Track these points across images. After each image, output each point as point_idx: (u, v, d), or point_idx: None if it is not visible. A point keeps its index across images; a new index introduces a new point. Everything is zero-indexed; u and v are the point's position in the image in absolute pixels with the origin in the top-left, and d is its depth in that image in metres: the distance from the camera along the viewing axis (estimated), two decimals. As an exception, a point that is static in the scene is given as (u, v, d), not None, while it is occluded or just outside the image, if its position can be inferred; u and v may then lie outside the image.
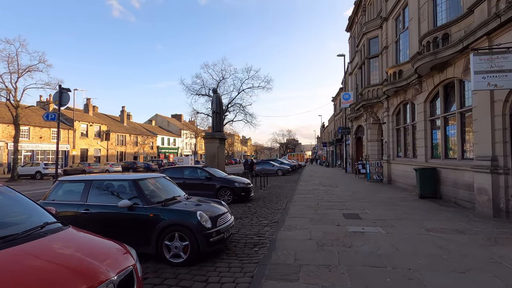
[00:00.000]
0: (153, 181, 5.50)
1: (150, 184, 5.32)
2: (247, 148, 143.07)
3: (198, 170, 10.98)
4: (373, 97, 15.95)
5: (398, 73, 12.37)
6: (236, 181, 10.63)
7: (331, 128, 46.07)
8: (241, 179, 11.15)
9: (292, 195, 11.79)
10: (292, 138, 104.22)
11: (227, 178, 10.83)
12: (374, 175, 15.87)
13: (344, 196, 10.80)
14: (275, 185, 16.69)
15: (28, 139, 32.29)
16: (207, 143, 16.14)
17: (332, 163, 43.95)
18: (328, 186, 14.70)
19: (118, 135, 46.19)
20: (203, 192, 10.49)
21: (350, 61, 25.14)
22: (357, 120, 22.70)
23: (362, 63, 17.47)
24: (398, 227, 6.08)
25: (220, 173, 11.38)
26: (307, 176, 23.22)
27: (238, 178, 11.30)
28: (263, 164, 27.09)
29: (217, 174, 11.03)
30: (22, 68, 22.93)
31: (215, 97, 16.45)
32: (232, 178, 10.86)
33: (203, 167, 11.10)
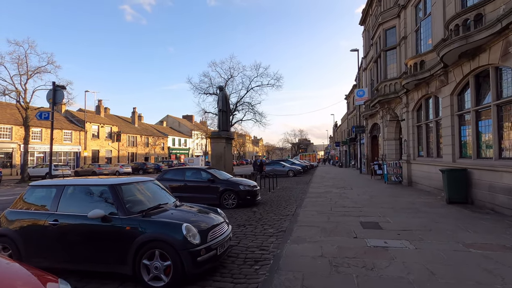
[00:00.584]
0: (138, 186, 4.74)
1: (133, 190, 4.56)
2: (259, 148, 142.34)
3: (201, 172, 10.22)
4: (391, 92, 14.77)
5: (419, 64, 11.22)
6: (241, 183, 9.81)
7: (344, 127, 44.61)
8: (247, 181, 10.32)
9: (302, 198, 10.85)
10: (304, 138, 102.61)
11: (232, 180, 10.02)
12: (392, 176, 14.69)
13: (360, 201, 9.77)
14: (285, 187, 15.77)
15: (40, 141, 32.64)
16: (213, 143, 15.42)
17: (345, 163, 42.51)
18: (342, 188, 13.66)
19: (129, 136, 46.35)
20: (205, 196, 9.78)
21: (364, 56, 23.89)
22: (372, 117, 21.45)
23: (377, 56, 16.30)
24: (429, 241, 5.07)
25: (224, 175, 10.59)
26: (319, 177, 22.15)
27: (244, 180, 10.47)
28: (273, 165, 26.18)
29: (220, 176, 10.24)
30: (31, 69, 22.97)
31: (221, 95, 15.71)
32: (237, 181, 10.04)
33: (206, 169, 10.33)
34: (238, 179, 10.58)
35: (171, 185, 10.12)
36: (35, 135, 32.23)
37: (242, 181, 10.16)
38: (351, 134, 36.53)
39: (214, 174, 10.00)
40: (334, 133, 67.79)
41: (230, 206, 9.46)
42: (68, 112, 39.32)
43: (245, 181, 10.22)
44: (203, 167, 10.70)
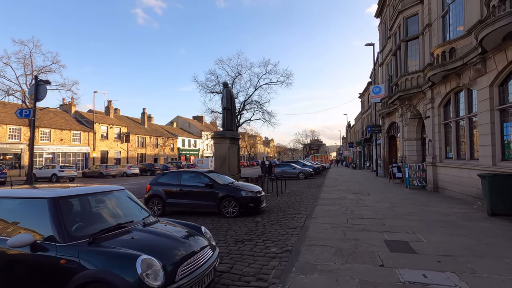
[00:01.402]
0: (96, 199, 3.66)
1: (85, 204, 3.49)
2: (270, 149, 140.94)
3: (199, 176, 9.12)
4: (412, 86, 13.28)
5: (448, 52, 9.77)
6: (244, 189, 8.66)
7: (358, 127, 42.79)
8: (250, 186, 9.17)
9: (313, 206, 9.59)
10: (316, 139, 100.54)
11: (233, 185, 8.88)
12: (415, 180, 13.18)
13: (381, 210, 8.43)
14: (294, 191, 14.51)
15: (49, 142, 32.57)
16: (216, 143, 14.33)
17: (359, 165, 40.70)
18: (358, 193, 12.28)
19: (138, 137, 46.09)
20: (203, 203, 8.69)
21: (380, 50, 22.32)
22: (389, 116, 19.88)
23: (397, 47, 14.82)
24: (485, 274, 3.76)
25: (225, 179, 9.47)
26: (332, 180, 20.73)
27: (247, 185, 9.32)
28: (283, 167, 24.92)
29: (220, 180, 9.12)
30: (36, 69, 22.62)
31: (225, 91, 14.61)
32: (239, 186, 8.89)
33: (205, 172, 9.23)
34: (241, 183, 9.42)
35: (165, 190, 9.10)
36: (44, 135, 32.19)
37: (245, 186, 9.01)
38: (365, 134, 34.80)
39: (212, 178, 8.89)
40: (347, 133, 65.73)
41: (231, 215, 8.33)
42: (77, 113, 39.32)
43: (248, 186, 9.07)
44: (202, 170, 9.60)
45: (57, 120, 35.01)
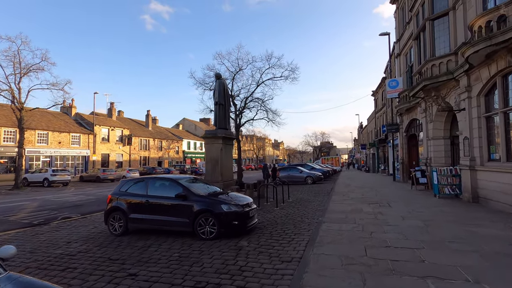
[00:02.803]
0: None
1: None
2: (279, 152, 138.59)
3: (170, 184, 7.11)
4: (441, 73, 10.94)
5: (496, 21, 7.47)
6: (226, 201, 6.59)
7: (371, 128, 40.10)
8: (237, 198, 7.09)
9: (319, 222, 7.42)
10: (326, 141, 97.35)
11: (213, 197, 6.80)
12: (446, 187, 10.78)
13: (411, 231, 6.18)
14: (299, 200, 12.34)
15: (46, 144, 31.43)
16: (207, 144, 12.35)
17: (373, 168, 37.97)
18: (376, 204, 10.01)
19: (141, 139, 44.76)
20: (173, 219, 6.67)
21: (397, 40, 19.93)
22: (409, 112, 17.44)
23: (420, 29, 12.51)
24: None
25: (207, 189, 7.44)
26: (343, 185, 18.39)
27: (236, 196, 7.23)
28: (289, 170, 22.70)
29: (199, 190, 7.09)
30: (26, 67, 21.31)
31: (217, 84, 12.64)
32: (222, 198, 6.80)
33: (178, 180, 7.20)
34: (228, 195, 7.29)
35: (129, 202, 7.14)
36: (41, 138, 31.07)
37: (230, 198, 6.92)
38: (379, 135, 32.20)
39: (186, 187, 6.85)
40: (359, 135, 62.81)
41: (208, 236, 6.27)
42: (78, 115, 38.27)
43: (235, 198, 7.00)
44: (174, 177, 7.57)
45: (55, 122, 33.94)
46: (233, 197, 6.99)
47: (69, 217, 10.19)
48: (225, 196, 7.06)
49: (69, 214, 10.69)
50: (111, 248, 6.00)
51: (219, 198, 6.70)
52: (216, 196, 6.90)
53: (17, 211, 11.53)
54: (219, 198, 6.70)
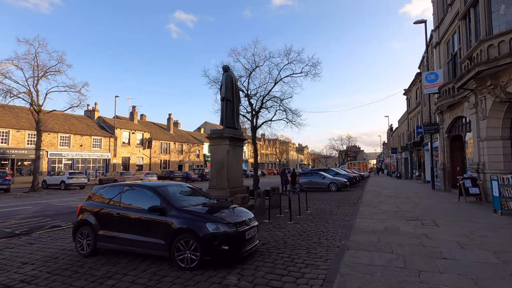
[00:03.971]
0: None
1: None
2: (304, 156, 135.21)
3: (147, 193, 5.59)
4: (502, 55, 8.60)
5: None
6: (216, 219, 4.93)
7: (403, 130, 36.74)
8: (233, 213, 5.41)
9: (342, 247, 5.54)
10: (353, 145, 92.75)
11: (199, 212, 5.17)
12: (511, 201, 8.35)
13: (482, 271, 4.14)
14: (319, 211, 10.42)
15: (68, 147, 31.86)
16: (212, 145, 10.84)
17: (405, 173, 34.59)
18: (417, 221, 7.87)
19: (162, 143, 44.65)
20: (147, 240, 5.14)
21: (435, 27, 17.34)
22: (453, 109, 14.83)
23: (470, 4, 10.19)
24: None
25: (197, 200, 5.87)
26: (372, 194, 16.06)
27: (235, 211, 5.54)
28: (310, 176, 20.66)
29: (182, 202, 5.53)
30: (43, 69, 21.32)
31: (224, 77, 11.13)
32: (212, 215, 5.14)
33: (155, 187, 5.67)
34: (230, 210, 5.62)
35: (99, 215, 5.74)
36: (63, 141, 31.54)
37: (222, 215, 5.25)
38: (413, 137, 29.08)
39: (165, 197, 5.29)
40: (389, 138, 58.73)
41: (188, 265, 4.66)
42: (100, 119, 38.81)
43: (229, 214, 5.31)
44: (154, 184, 6.02)
45: (78, 125, 34.48)
46: (226, 214, 5.31)
47: (59, 225, 9.13)
48: (219, 210, 5.42)
49: (61, 222, 9.64)
50: (64, 277, 4.60)
51: (204, 214, 5.07)
52: (205, 210, 5.28)
53: (10, 217, 10.72)
54: (204, 214, 5.07)
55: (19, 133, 27.82)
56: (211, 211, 5.25)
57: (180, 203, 5.39)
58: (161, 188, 5.64)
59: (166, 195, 5.41)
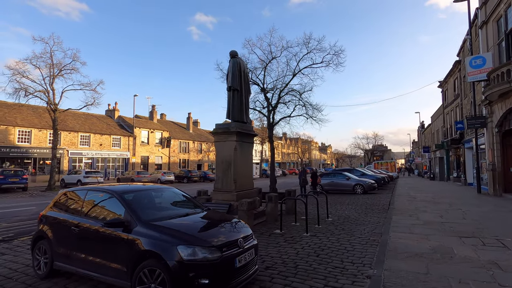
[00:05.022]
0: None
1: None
2: (327, 156, 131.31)
3: (111, 200, 4.27)
4: None
5: None
6: (193, 241, 3.50)
7: (438, 126, 33.47)
8: (223, 228, 3.99)
9: (376, 282, 3.91)
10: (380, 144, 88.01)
11: (176, 227, 3.78)
12: None
13: None
14: (342, 219, 8.74)
15: (88, 146, 32.15)
16: (217, 141, 9.48)
17: (440, 174, 31.40)
18: (474, 238, 5.99)
19: (181, 142, 44.33)
20: (102, 264, 3.84)
21: (481, 4, 14.83)
22: (506, 98, 12.41)
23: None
24: None
25: (174, 210, 4.53)
26: (405, 197, 13.97)
27: (216, 229, 4.07)
28: (332, 176, 18.81)
29: (153, 213, 4.18)
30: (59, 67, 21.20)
31: (231, 63, 9.73)
32: (188, 234, 3.69)
33: (122, 192, 4.31)
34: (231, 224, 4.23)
35: (57, 228, 4.55)
36: (84, 140, 31.85)
37: (204, 233, 3.84)
38: (450, 134, 26.11)
39: (132, 207, 3.96)
40: (420, 136, 54.69)
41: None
42: (120, 118, 39.07)
43: (212, 233, 3.87)
44: (119, 188, 4.65)
45: (98, 124, 34.80)
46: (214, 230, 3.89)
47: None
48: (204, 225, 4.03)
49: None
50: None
51: (178, 231, 3.66)
52: (184, 225, 3.89)
53: (6, 219, 10.08)
54: (178, 231, 3.66)
55: (41, 132, 28.30)
56: (190, 227, 3.85)
57: (153, 215, 4.04)
58: (130, 194, 4.32)
59: (133, 203, 4.09)
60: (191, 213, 4.40)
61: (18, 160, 27.17)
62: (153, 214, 4.07)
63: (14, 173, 20.39)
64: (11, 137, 26.58)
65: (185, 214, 4.26)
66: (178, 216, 4.14)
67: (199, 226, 3.95)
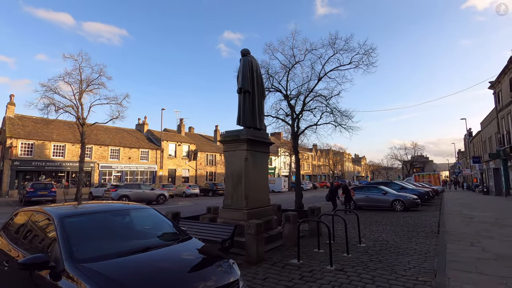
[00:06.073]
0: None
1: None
2: (361, 168, 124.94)
3: (48, 225, 3.19)
4: None
5: None
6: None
7: (491, 133, 29.46)
8: (178, 276, 2.67)
9: None
10: (420, 155, 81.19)
11: (113, 269, 2.56)
12: None
13: None
14: (378, 245, 6.94)
15: (118, 160, 32.88)
16: (226, 150, 8.30)
17: (496, 188, 27.24)
18: None
19: (207, 154, 44.14)
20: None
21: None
22: None
23: None
24: None
25: (137, 240, 3.32)
26: (458, 216, 11.54)
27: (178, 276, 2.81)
28: (366, 190, 16.66)
29: (100, 246, 2.99)
30: (86, 83, 21.83)
31: (242, 62, 8.62)
32: (125, 278, 2.48)
33: (62, 216, 3.19)
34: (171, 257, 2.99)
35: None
36: (113, 154, 32.67)
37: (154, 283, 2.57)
38: (507, 141, 22.51)
39: (65, 238, 2.80)
40: (467, 145, 49.23)
41: None
42: (149, 131, 39.91)
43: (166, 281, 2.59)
44: (59, 211, 3.41)
45: (128, 138, 35.69)
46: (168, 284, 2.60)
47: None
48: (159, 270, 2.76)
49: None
50: None
51: (109, 280, 2.40)
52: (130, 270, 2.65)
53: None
54: (109, 280, 2.40)
55: (74, 146, 29.43)
56: (135, 274, 2.58)
57: (96, 249, 2.85)
58: (75, 218, 3.19)
59: (73, 232, 2.94)
60: (156, 246, 3.14)
61: (52, 173, 28.36)
62: (97, 248, 2.88)
63: (43, 186, 20.93)
64: (47, 151, 27.89)
65: (144, 249, 3.01)
66: (132, 252, 2.90)
67: (150, 271, 2.66)
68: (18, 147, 26.40)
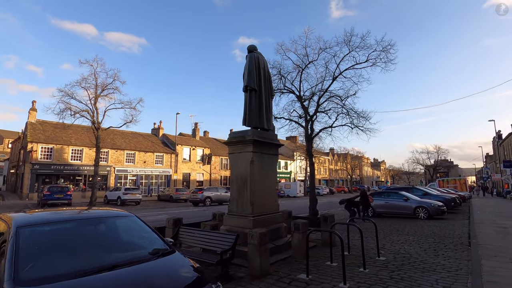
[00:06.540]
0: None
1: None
2: (380, 172, 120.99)
3: (3, 237, 2.77)
4: None
5: None
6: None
7: (522, 136, 27.23)
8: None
9: None
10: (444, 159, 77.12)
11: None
12: None
13: None
14: (399, 259, 6.12)
15: (133, 164, 33.22)
16: (231, 152, 7.77)
17: (531, 195, 25.02)
18: None
19: (222, 158, 43.93)
20: None
21: None
22: None
23: None
24: None
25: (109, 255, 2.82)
26: (490, 226, 10.36)
27: None
28: (386, 196, 15.59)
29: (36, 265, 2.50)
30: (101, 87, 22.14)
31: (248, 59, 8.11)
32: None
33: (20, 225, 2.78)
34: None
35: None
36: (129, 158, 33.06)
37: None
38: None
39: (13, 252, 2.34)
40: (496, 149, 46.24)
41: None
42: (164, 136, 40.23)
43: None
44: (12, 218, 3.06)
45: (144, 142, 36.09)
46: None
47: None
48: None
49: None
50: None
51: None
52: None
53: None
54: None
55: (91, 150, 29.97)
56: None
57: (49, 267, 2.37)
58: (34, 227, 2.73)
59: (26, 245, 2.47)
60: (125, 264, 2.61)
61: (70, 177, 28.98)
62: (51, 266, 2.40)
63: (60, 190, 21.28)
64: (65, 155, 28.56)
65: (110, 267, 2.50)
66: (94, 272, 2.39)
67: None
68: (38, 151, 27.18)
